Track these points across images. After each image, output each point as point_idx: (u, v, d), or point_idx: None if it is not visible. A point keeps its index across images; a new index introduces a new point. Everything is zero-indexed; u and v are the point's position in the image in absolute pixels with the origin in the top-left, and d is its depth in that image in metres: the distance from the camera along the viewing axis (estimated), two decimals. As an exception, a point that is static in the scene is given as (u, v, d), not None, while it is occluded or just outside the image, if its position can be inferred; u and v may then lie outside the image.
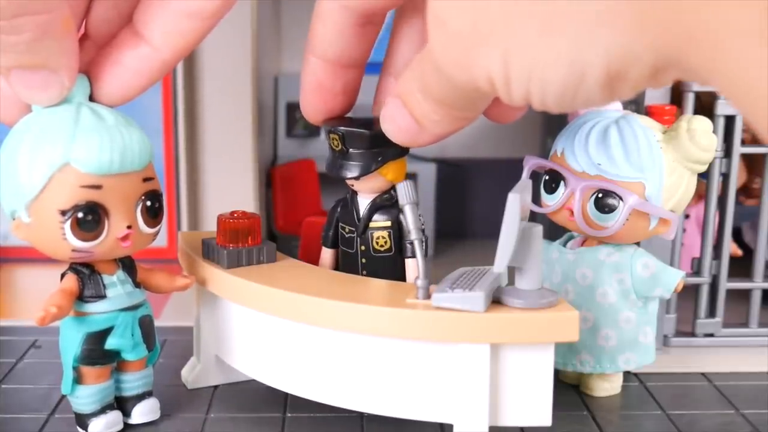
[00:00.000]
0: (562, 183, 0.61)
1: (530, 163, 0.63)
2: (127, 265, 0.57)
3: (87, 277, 0.55)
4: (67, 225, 0.51)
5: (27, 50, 0.48)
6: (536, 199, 0.62)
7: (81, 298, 0.55)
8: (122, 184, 0.52)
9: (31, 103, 0.52)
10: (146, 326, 0.57)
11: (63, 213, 0.51)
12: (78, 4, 0.52)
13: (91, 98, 0.54)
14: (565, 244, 0.64)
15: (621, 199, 0.58)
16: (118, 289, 0.56)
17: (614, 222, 0.59)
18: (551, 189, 0.61)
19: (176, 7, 0.51)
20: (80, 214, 0.51)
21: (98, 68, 0.53)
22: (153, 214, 0.55)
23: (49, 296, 0.54)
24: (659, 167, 0.58)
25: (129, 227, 0.53)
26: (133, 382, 0.58)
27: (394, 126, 0.52)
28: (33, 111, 0.53)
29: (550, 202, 0.62)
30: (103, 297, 0.55)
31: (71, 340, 0.55)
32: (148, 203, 0.54)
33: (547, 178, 0.62)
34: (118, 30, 0.54)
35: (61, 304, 0.53)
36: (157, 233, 0.56)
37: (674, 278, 0.61)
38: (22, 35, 0.47)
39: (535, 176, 0.62)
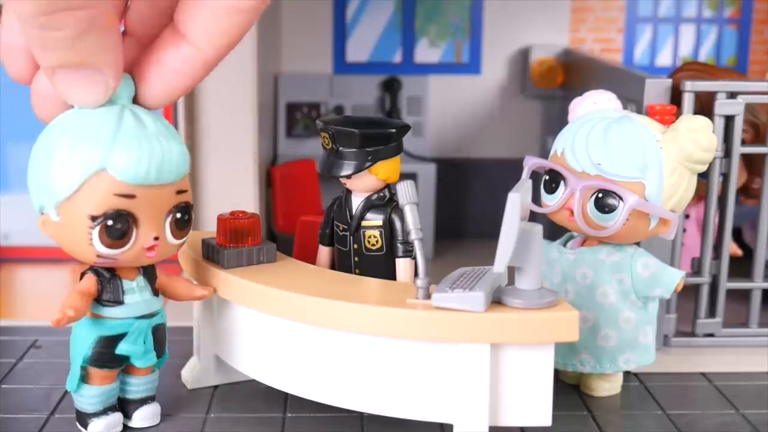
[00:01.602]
0: (562, 183, 0.61)
1: (530, 163, 0.63)
2: (148, 271, 0.56)
3: (107, 281, 0.54)
4: (96, 231, 0.51)
5: (70, 47, 0.47)
6: (536, 199, 0.62)
7: (98, 300, 0.55)
8: (156, 195, 0.51)
9: (76, 104, 0.51)
10: (159, 334, 0.57)
11: (93, 219, 0.50)
12: (118, 3, 0.50)
13: (135, 99, 0.52)
14: (565, 244, 0.64)
15: (621, 199, 0.58)
16: (136, 296, 0.55)
17: (614, 222, 0.59)
18: (551, 189, 0.61)
19: (214, 4, 0.49)
20: (110, 222, 0.50)
21: (142, 68, 0.52)
22: (182, 227, 0.54)
23: (66, 296, 0.53)
24: (659, 167, 0.58)
25: (156, 238, 0.53)
26: (138, 386, 0.58)
27: None
28: (74, 108, 0.52)
29: (550, 202, 0.62)
30: (120, 303, 0.55)
31: (83, 340, 0.55)
32: (178, 215, 0.53)
33: (547, 178, 0.62)
34: (160, 28, 0.52)
35: (79, 307, 0.53)
36: (182, 244, 0.55)
37: (674, 278, 0.61)
38: (63, 31, 0.46)
39: (535, 176, 0.62)
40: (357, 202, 0.61)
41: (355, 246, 0.62)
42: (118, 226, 0.51)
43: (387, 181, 0.61)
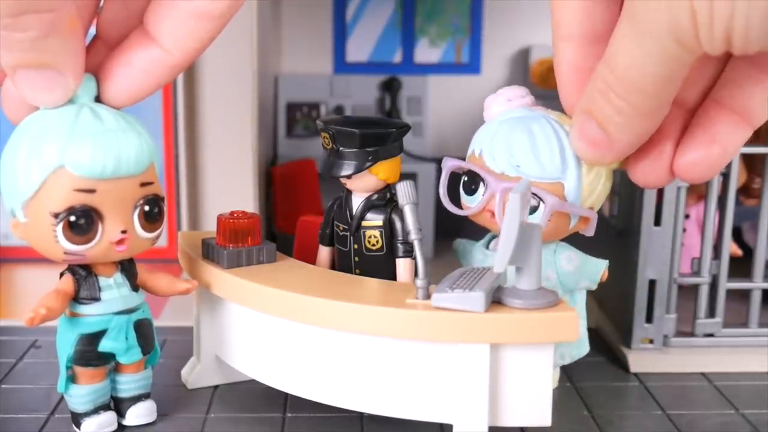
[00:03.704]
0: (481, 184, 0.59)
1: (448, 165, 0.61)
2: (127, 267, 0.57)
3: (83, 279, 0.55)
4: (59, 228, 0.51)
5: (32, 48, 0.48)
6: (456, 199, 0.61)
7: (76, 299, 0.55)
8: (118, 189, 0.52)
9: (35, 104, 0.52)
10: (143, 329, 0.57)
11: (55, 216, 0.51)
12: (87, 4, 0.51)
13: (99, 99, 0.53)
14: (487, 245, 0.63)
15: (541, 200, 0.57)
16: (113, 292, 0.56)
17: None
18: (471, 191, 0.60)
19: (185, 8, 0.50)
20: (72, 218, 0.51)
21: (107, 69, 0.53)
22: (151, 219, 0.54)
23: (42, 296, 0.53)
24: (577, 167, 0.57)
25: (124, 232, 0.53)
26: (129, 383, 0.58)
27: (585, 140, 0.51)
28: (38, 110, 0.52)
29: (471, 203, 0.60)
30: (97, 299, 0.55)
31: (66, 340, 0.55)
32: (146, 208, 0.53)
33: (465, 179, 0.61)
34: (129, 31, 0.53)
35: (52, 306, 0.53)
36: (157, 237, 0.55)
37: (599, 268, 0.61)
38: (27, 33, 0.47)
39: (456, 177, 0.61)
40: (357, 202, 0.61)
41: (356, 246, 0.62)
42: (81, 221, 0.51)
43: (387, 181, 0.61)
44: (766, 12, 0.39)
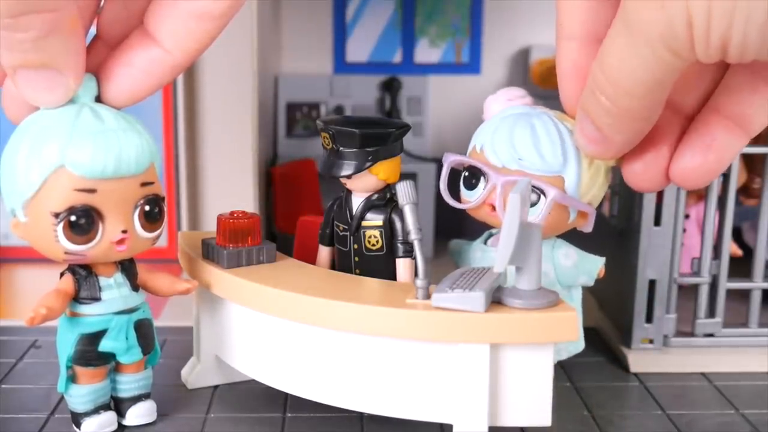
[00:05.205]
0: (482, 179, 0.60)
1: (449, 160, 0.62)
2: (127, 267, 0.57)
3: (83, 279, 0.55)
4: (60, 227, 0.51)
5: (33, 48, 0.48)
6: (456, 196, 0.61)
7: (76, 299, 0.55)
8: (118, 189, 0.52)
9: (36, 104, 0.52)
10: (144, 329, 0.57)
11: (56, 215, 0.51)
12: (87, 4, 0.51)
13: (99, 99, 0.53)
14: (485, 242, 0.64)
15: (542, 193, 0.58)
16: (113, 291, 0.56)
17: (536, 216, 0.58)
18: (471, 185, 0.60)
19: (185, 8, 0.50)
20: (73, 218, 0.51)
21: (108, 69, 0.53)
22: (152, 219, 0.54)
23: (43, 296, 0.53)
24: (577, 161, 0.58)
25: (124, 231, 0.53)
26: (129, 383, 0.58)
27: (584, 137, 0.52)
28: (39, 109, 0.53)
29: (471, 198, 0.60)
30: (97, 299, 0.55)
31: (66, 340, 0.55)
32: (147, 208, 0.54)
33: (466, 174, 0.61)
34: (129, 31, 0.53)
35: (53, 306, 0.53)
36: (157, 237, 0.55)
37: (596, 264, 0.61)
38: (28, 33, 0.47)
39: (455, 173, 0.62)
40: (357, 202, 0.61)
41: (356, 246, 0.62)
42: (81, 221, 0.51)
43: (387, 181, 0.61)
44: (764, 20, 0.39)
